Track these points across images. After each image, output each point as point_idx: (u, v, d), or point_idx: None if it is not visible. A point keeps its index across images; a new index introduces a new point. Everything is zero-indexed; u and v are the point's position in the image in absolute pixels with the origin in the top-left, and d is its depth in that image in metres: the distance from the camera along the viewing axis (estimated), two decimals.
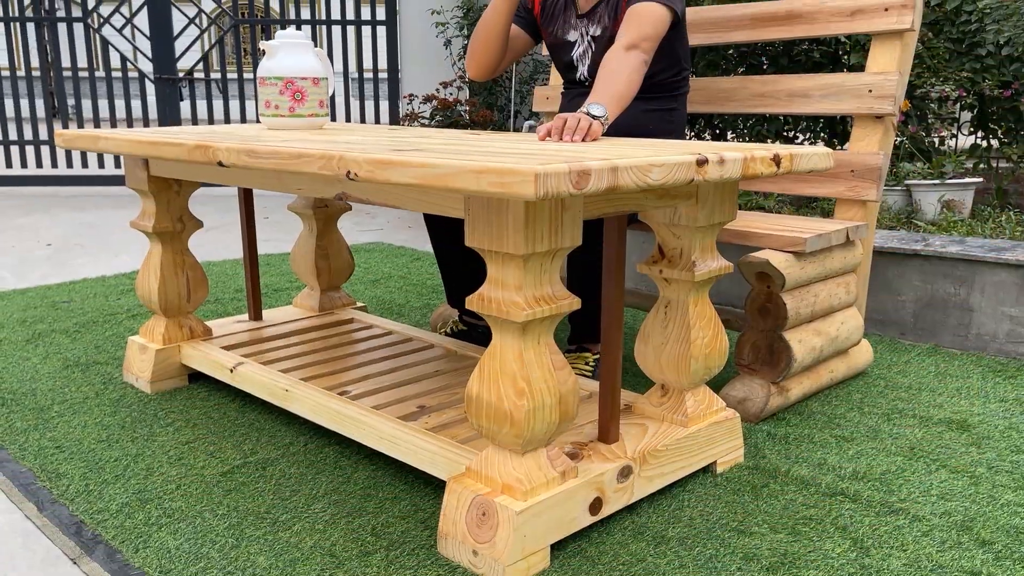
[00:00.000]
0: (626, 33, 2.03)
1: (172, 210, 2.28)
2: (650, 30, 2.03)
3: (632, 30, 2.03)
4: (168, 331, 2.33)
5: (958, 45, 5.78)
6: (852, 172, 2.30)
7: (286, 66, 2.24)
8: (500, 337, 1.43)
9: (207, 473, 1.81)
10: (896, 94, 2.25)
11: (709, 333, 1.76)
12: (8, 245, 4.43)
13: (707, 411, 1.81)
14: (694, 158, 1.40)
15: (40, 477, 1.79)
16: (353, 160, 1.41)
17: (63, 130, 2.27)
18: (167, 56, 6.42)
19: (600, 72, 1.99)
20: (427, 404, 1.89)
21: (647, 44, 2.02)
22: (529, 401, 1.40)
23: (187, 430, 2.04)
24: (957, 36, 5.79)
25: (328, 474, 1.81)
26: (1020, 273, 2.55)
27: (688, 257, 1.70)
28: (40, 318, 2.99)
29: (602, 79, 1.96)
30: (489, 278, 1.42)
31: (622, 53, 1.99)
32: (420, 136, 1.93)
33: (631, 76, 1.96)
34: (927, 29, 5.88)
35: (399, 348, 2.30)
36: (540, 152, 1.43)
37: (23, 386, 2.33)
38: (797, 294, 2.12)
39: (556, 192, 1.19)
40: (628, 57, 1.98)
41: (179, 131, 2.23)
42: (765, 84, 2.47)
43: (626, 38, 2.02)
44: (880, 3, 2.28)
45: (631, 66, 1.97)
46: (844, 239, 2.21)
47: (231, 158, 1.68)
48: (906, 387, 2.33)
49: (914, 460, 1.88)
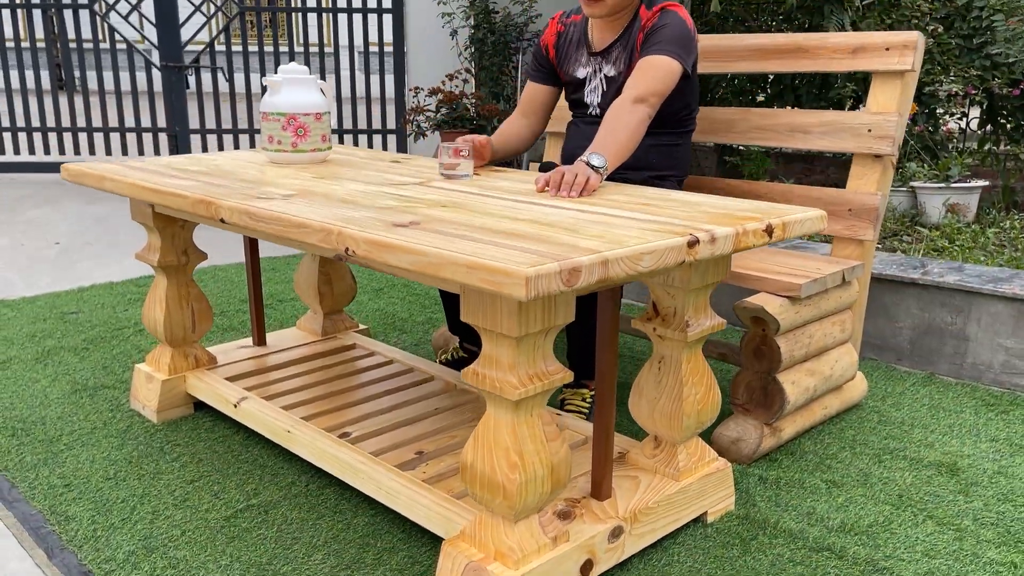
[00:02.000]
0: (635, 85, 2.07)
1: (177, 244, 2.32)
2: (659, 85, 2.08)
3: (641, 83, 2.07)
4: (174, 361, 2.37)
5: (968, 41, 5.72)
6: (850, 211, 2.32)
7: (288, 102, 2.26)
8: (494, 410, 1.47)
9: (211, 517, 1.86)
10: (895, 135, 2.26)
11: (702, 389, 1.79)
12: (18, 242, 4.47)
13: (699, 463, 1.85)
14: (685, 240, 1.42)
15: (50, 520, 1.85)
16: (351, 238, 1.44)
17: (69, 164, 2.30)
18: (173, 43, 6.41)
19: (605, 121, 2.03)
20: (425, 449, 1.94)
21: (654, 99, 2.07)
22: (522, 475, 1.44)
23: (192, 466, 2.09)
24: (968, 32, 5.74)
25: (328, 519, 1.86)
26: (1016, 306, 2.57)
27: (682, 317, 1.73)
28: (49, 333, 3.04)
29: (606, 129, 2.00)
30: (484, 354, 1.45)
31: (629, 106, 2.04)
32: (422, 183, 1.95)
33: (635, 129, 2.01)
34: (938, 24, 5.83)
35: (399, 381, 2.34)
36: (537, 223, 1.45)
37: (33, 413, 2.38)
38: (791, 336, 2.15)
39: (547, 292, 1.22)
40: (634, 111, 2.02)
41: (184, 165, 2.25)
42: (765, 117, 2.48)
43: (635, 91, 2.06)
44: (882, 42, 2.28)
45: (636, 119, 2.02)
46: (840, 281, 2.23)
47: (233, 217, 1.71)
48: (899, 422, 2.37)
49: (901, 509, 1.92)
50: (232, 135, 6.96)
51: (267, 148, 2.30)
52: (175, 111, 6.48)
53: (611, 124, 2.01)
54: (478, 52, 6.11)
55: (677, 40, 2.12)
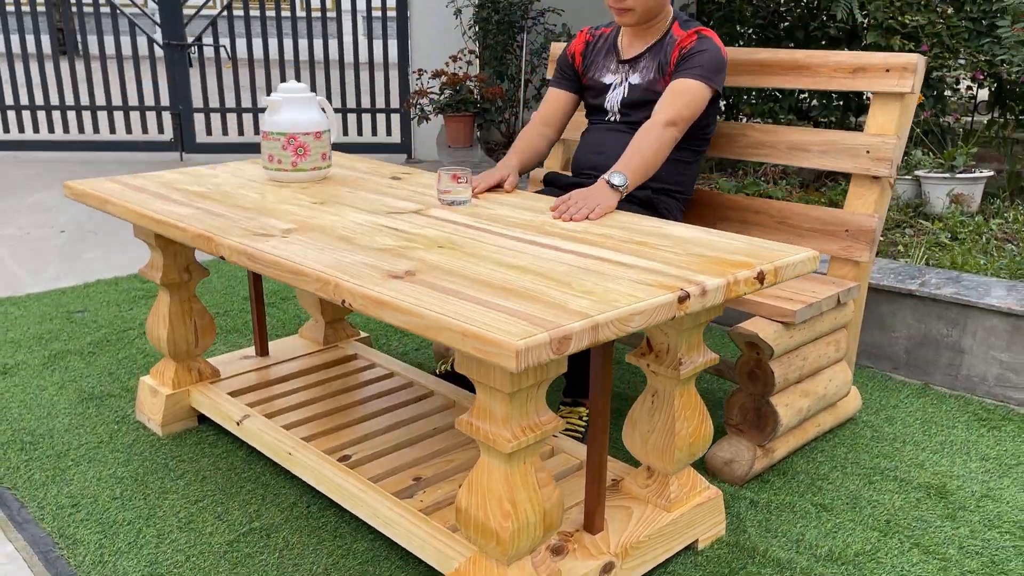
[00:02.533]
0: (666, 109, 2.17)
1: (179, 262, 2.34)
2: (688, 111, 2.19)
3: (672, 107, 2.17)
4: (177, 375, 2.41)
5: (978, 24, 5.66)
6: (847, 232, 2.33)
7: (288, 121, 2.27)
8: (488, 458, 1.50)
9: (214, 541, 1.91)
10: (893, 158, 2.26)
11: (694, 423, 1.83)
12: (24, 231, 4.51)
13: (690, 493, 1.89)
14: (675, 296, 1.45)
15: (59, 544, 1.90)
16: (348, 291, 1.47)
17: (71, 183, 2.32)
18: (175, 21, 6.37)
19: (634, 139, 2.16)
20: (423, 475, 1.98)
21: (683, 123, 2.19)
22: (514, 522, 1.48)
23: (196, 485, 2.14)
24: (978, 15, 5.67)
25: (329, 544, 1.91)
26: (1011, 320, 2.58)
27: (675, 354, 1.76)
28: (55, 334, 3.09)
29: (634, 147, 2.13)
30: (478, 404, 1.49)
31: (659, 128, 2.15)
32: (419, 210, 1.97)
33: (661, 150, 2.15)
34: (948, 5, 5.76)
35: (399, 396, 2.38)
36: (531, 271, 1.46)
37: (41, 425, 2.43)
38: (785, 359, 2.18)
39: (536, 362, 1.25)
40: (663, 133, 2.14)
41: (184, 184, 2.27)
42: (766, 133, 2.48)
43: (665, 114, 2.16)
44: (882, 64, 2.27)
45: (663, 141, 2.14)
46: (835, 304, 2.25)
47: (233, 256, 1.73)
48: (891, 439, 2.40)
49: (889, 536, 1.96)
50: (236, 114, 6.94)
51: (268, 167, 2.31)
52: (178, 90, 6.47)
53: (639, 143, 2.14)
54: (482, 31, 6.05)
55: (711, 66, 2.22)
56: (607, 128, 2.41)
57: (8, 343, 3.01)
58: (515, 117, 6.25)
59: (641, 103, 2.33)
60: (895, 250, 3.67)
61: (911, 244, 3.77)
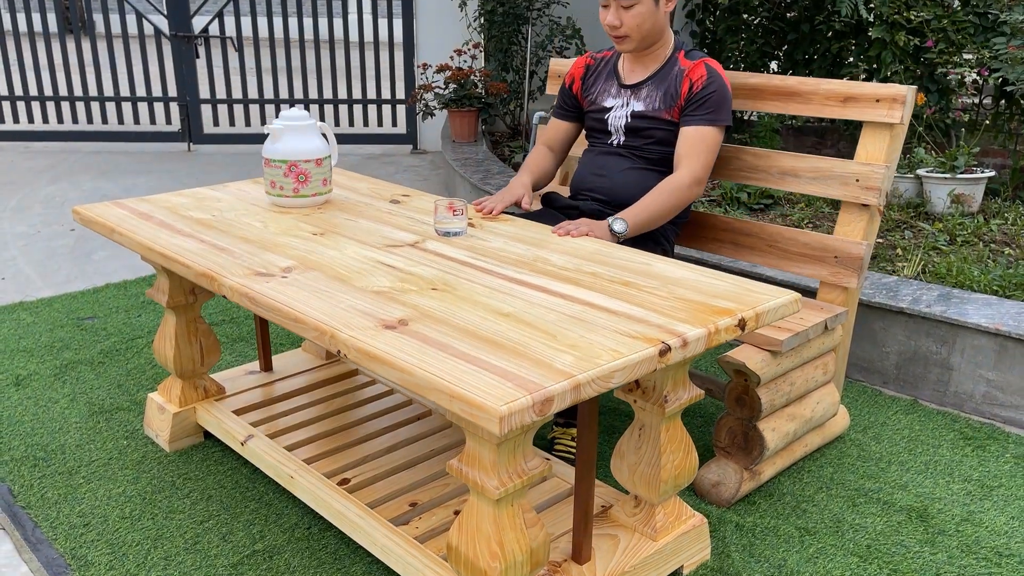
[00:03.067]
0: (693, 165, 2.29)
1: (184, 284, 2.41)
2: (712, 159, 2.34)
3: (698, 162, 2.30)
4: (184, 393, 2.49)
5: (984, 19, 5.64)
6: (836, 259, 2.38)
7: (289, 149, 2.33)
8: (476, 501, 1.57)
9: (219, 564, 2.00)
10: (882, 187, 2.30)
11: (679, 456, 1.89)
12: (35, 228, 4.58)
13: (676, 521, 1.96)
14: (657, 349, 1.51)
15: (71, 565, 1.99)
16: (343, 343, 1.53)
17: (80, 208, 2.38)
18: (182, 13, 6.40)
19: (658, 189, 2.27)
20: (419, 500, 2.06)
21: (706, 178, 2.34)
22: (502, 562, 1.55)
23: (202, 504, 2.23)
24: (984, 10, 5.64)
25: (328, 567, 1.99)
26: (999, 340, 2.63)
27: (661, 392, 1.82)
28: (66, 343, 3.17)
29: (651, 197, 2.25)
30: (467, 451, 1.56)
31: (685, 190, 2.28)
32: (416, 243, 2.02)
33: (673, 211, 2.28)
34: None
35: (398, 416, 2.46)
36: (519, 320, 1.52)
37: (53, 440, 2.52)
38: (772, 386, 2.24)
39: (520, 425, 1.31)
40: (687, 194, 2.28)
41: (188, 210, 2.33)
42: (758, 157, 2.52)
43: (693, 173, 2.29)
44: (872, 94, 2.31)
45: (681, 202, 2.28)
46: (823, 330, 2.30)
47: (233, 296, 1.80)
48: (877, 458, 2.47)
49: (868, 562, 2.03)
50: (242, 105, 6.98)
51: (270, 192, 2.37)
52: (185, 81, 6.51)
53: (658, 195, 2.25)
54: (488, 23, 6.06)
55: (724, 105, 2.32)
56: (608, 151, 2.46)
57: (21, 352, 3.09)
58: (520, 109, 6.27)
59: (643, 129, 2.38)
60: (893, 254, 3.71)
61: (909, 248, 3.81)
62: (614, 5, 2.29)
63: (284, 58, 11.99)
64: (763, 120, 6.10)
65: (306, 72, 6.51)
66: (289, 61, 6.47)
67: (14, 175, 5.77)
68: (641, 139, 2.40)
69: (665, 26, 2.35)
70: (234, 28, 15.31)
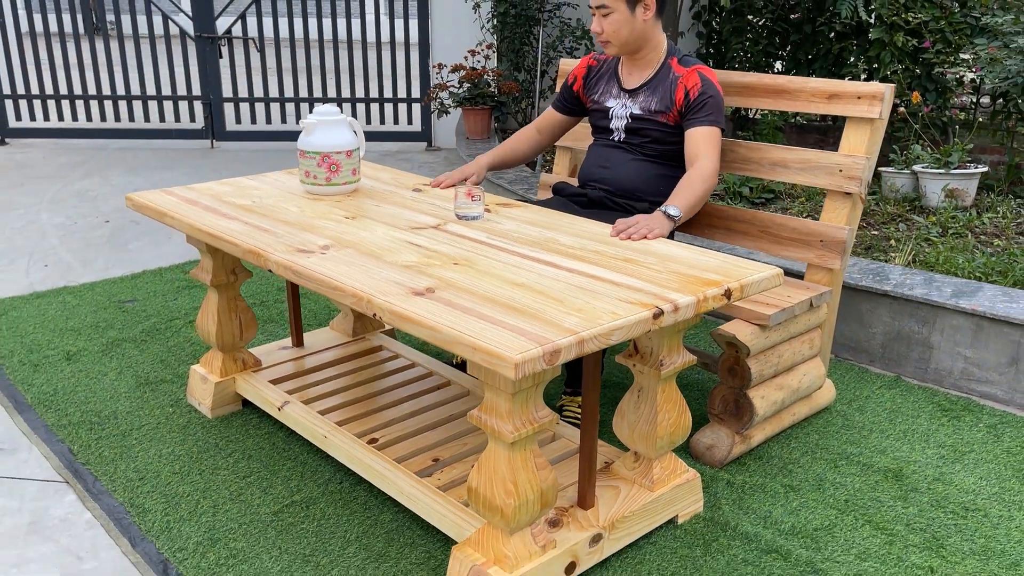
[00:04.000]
0: (711, 157, 2.52)
1: (226, 264, 2.65)
2: (720, 153, 2.59)
3: (715, 154, 2.52)
4: (224, 364, 2.73)
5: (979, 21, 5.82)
6: (821, 242, 2.59)
7: (322, 142, 2.56)
8: (494, 445, 1.80)
9: (262, 512, 2.24)
10: (863, 176, 2.52)
11: (674, 415, 2.12)
12: (72, 220, 4.84)
13: (671, 475, 2.18)
14: (651, 313, 1.73)
15: (130, 512, 2.23)
16: (379, 307, 1.76)
17: (133, 195, 2.62)
18: (207, 14, 6.66)
19: (690, 178, 2.46)
20: (441, 456, 2.29)
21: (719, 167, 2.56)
22: (515, 499, 1.78)
23: (244, 462, 2.46)
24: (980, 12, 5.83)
25: (360, 516, 2.23)
26: (975, 320, 2.85)
27: (657, 357, 2.05)
28: (110, 323, 3.42)
29: (688, 184, 2.45)
30: (485, 402, 1.78)
31: (710, 176, 2.49)
32: (438, 225, 2.25)
33: (708, 191, 2.46)
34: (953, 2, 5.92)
35: (420, 385, 2.69)
36: (532, 289, 1.75)
37: (106, 408, 2.76)
38: (762, 357, 2.46)
39: (532, 372, 1.54)
40: (711, 179, 2.49)
41: (231, 197, 2.57)
42: (751, 150, 2.74)
43: (712, 164, 2.50)
44: (854, 91, 2.52)
45: (712, 186, 2.47)
46: (808, 307, 2.52)
47: (279, 271, 2.03)
48: (859, 427, 2.68)
49: (846, 514, 2.25)
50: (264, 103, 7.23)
51: (305, 181, 2.61)
52: (209, 80, 6.76)
53: (694, 182, 2.45)
54: (500, 24, 6.29)
55: (719, 108, 2.55)
56: (612, 145, 2.69)
57: (69, 331, 3.34)
58: (531, 107, 6.50)
59: (641, 129, 2.61)
60: (887, 244, 3.92)
61: (903, 239, 4.02)
62: (597, 14, 2.53)
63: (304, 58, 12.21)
64: (766, 118, 6.31)
65: (325, 72, 6.75)
66: (309, 61, 6.71)
67: (48, 170, 6.03)
68: (640, 137, 2.63)
69: (650, 34, 2.57)
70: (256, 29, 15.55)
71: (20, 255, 4.25)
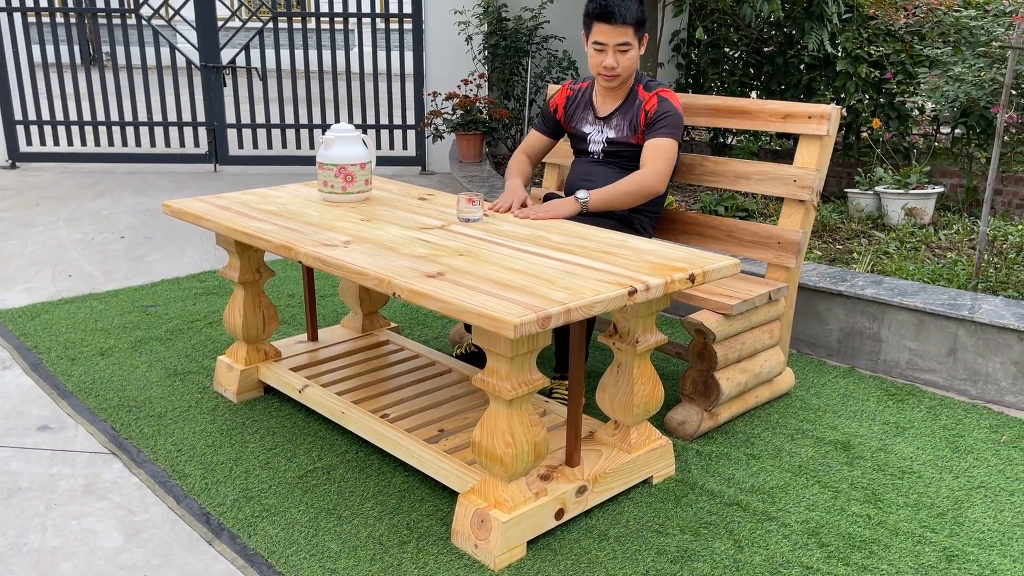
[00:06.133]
0: (656, 163, 2.81)
1: (252, 263, 2.98)
2: (669, 158, 2.85)
3: (659, 161, 2.81)
4: (249, 355, 3.04)
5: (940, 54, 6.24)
6: (778, 244, 2.95)
7: (339, 156, 2.90)
8: (494, 405, 2.13)
9: (288, 476, 2.55)
10: (814, 186, 2.88)
11: (648, 387, 2.45)
12: (88, 236, 5.15)
13: (646, 441, 2.51)
14: (626, 291, 2.07)
15: (172, 476, 2.54)
16: (398, 287, 2.10)
17: (170, 202, 2.95)
18: (212, 45, 7.03)
19: (631, 176, 2.79)
20: (445, 428, 2.61)
21: (668, 170, 2.84)
22: (513, 450, 2.10)
23: (269, 438, 2.77)
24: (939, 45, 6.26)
25: (375, 478, 2.54)
26: (918, 315, 3.20)
27: (633, 335, 2.38)
28: (136, 324, 3.73)
29: (616, 184, 2.78)
30: (487, 367, 2.11)
31: (644, 179, 2.79)
32: (443, 226, 2.59)
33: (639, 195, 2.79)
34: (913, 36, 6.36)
35: (425, 372, 3.01)
36: (526, 273, 2.08)
37: (141, 394, 3.07)
38: (727, 343, 2.80)
39: (527, 333, 1.87)
40: (645, 183, 2.78)
41: (257, 203, 2.90)
42: (718, 164, 3.10)
43: (657, 169, 2.81)
44: (805, 112, 2.89)
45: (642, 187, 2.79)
46: (767, 300, 2.87)
47: (308, 261, 2.37)
48: (815, 408, 3.02)
49: (799, 476, 2.58)
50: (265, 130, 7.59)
51: (323, 190, 2.94)
52: (213, 108, 7.12)
53: (624, 181, 2.78)
54: (491, 55, 6.69)
55: (676, 124, 2.86)
56: (592, 162, 3.03)
57: (100, 331, 3.65)
58: (520, 133, 6.88)
59: (617, 151, 2.96)
60: (849, 257, 4.29)
61: (864, 252, 4.38)
62: (611, 50, 2.82)
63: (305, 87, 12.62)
64: (742, 144, 6.72)
65: (324, 100, 7.12)
66: (309, 90, 7.08)
67: (59, 191, 6.34)
68: (617, 157, 2.98)
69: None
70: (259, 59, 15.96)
71: (44, 267, 4.56)
